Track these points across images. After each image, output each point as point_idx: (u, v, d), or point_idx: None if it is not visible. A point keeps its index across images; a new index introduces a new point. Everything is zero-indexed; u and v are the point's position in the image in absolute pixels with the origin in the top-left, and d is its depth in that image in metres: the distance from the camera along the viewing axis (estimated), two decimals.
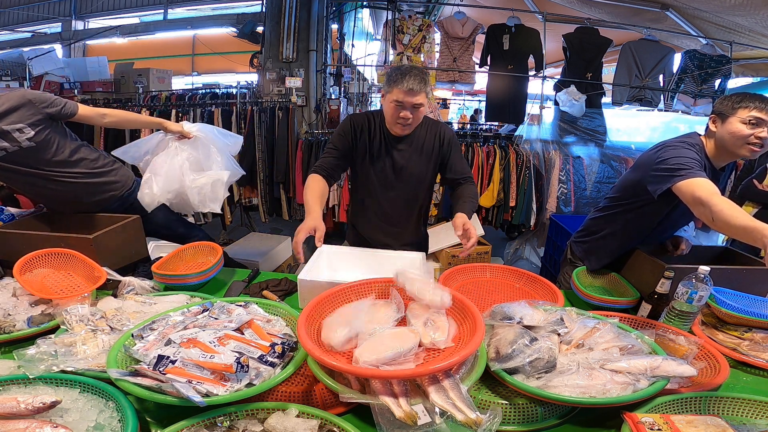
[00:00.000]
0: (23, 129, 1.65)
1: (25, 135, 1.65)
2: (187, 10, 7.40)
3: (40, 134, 1.69)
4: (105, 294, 1.41)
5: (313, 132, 4.01)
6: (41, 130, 1.69)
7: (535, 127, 3.87)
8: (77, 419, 0.87)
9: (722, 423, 0.88)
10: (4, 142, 1.64)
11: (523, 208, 3.74)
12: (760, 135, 1.36)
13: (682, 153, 1.42)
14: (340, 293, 1.21)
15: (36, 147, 1.69)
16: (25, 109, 1.65)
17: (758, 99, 1.38)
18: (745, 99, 1.39)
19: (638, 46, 4.08)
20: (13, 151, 1.66)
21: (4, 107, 1.62)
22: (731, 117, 1.40)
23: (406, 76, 1.53)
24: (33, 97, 1.68)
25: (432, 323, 1.04)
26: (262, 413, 0.90)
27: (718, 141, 1.45)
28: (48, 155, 1.74)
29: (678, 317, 1.30)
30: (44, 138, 1.70)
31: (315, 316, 1.10)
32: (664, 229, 1.65)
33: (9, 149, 1.65)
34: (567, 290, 1.69)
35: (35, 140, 1.68)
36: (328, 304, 1.17)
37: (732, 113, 1.40)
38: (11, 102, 1.63)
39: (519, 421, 0.96)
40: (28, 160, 1.71)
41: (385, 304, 1.16)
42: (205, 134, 1.97)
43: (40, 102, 1.67)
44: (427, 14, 5.21)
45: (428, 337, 1.00)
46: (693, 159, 1.39)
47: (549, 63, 4.92)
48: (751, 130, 1.37)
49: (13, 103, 1.63)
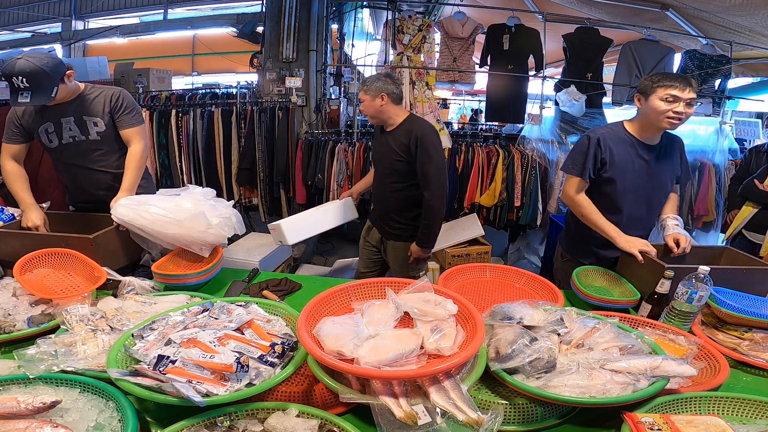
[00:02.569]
0: (98, 122, 1.82)
1: (97, 128, 1.83)
2: (187, 10, 7.40)
3: (108, 130, 1.85)
4: (105, 294, 1.41)
5: (313, 132, 4.01)
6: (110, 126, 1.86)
7: (536, 127, 3.87)
8: (77, 419, 0.87)
9: (722, 423, 0.87)
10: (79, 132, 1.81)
11: (529, 208, 3.74)
12: (676, 110, 1.56)
13: (574, 149, 1.77)
14: (339, 293, 1.21)
15: (100, 140, 1.85)
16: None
17: (674, 78, 1.56)
18: (663, 78, 1.58)
19: (638, 46, 4.08)
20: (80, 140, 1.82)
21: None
22: (651, 95, 1.59)
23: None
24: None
25: (439, 330, 1.03)
26: (262, 413, 0.90)
27: (644, 117, 1.66)
28: (106, 149, 1.88)
29: (678, 317, 1.30)
30: (108, 134, 1.86)
31: (315, 315, 1.10)
32: (611, 207, 1.77)
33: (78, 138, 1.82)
34: (567, 290, 1.68)
35: (101, 135, 1.84)
36: (327, 304, 1.17)
37: (652, 92, 1.59)
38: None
39: (519, 421, 0.96)
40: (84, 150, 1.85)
41: (383, 304, 1.16)
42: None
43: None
44: (427, 14, 5.20)
45: (434, 343, 0.99)
46: (580, 154, 1.72)
47: (549, 63, 4.91)
48: (669, 106, 1.56)
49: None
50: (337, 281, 1.70)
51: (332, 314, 1.14)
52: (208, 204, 1.71)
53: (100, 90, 1.85)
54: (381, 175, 2.19)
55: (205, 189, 1.80)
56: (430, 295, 1.17)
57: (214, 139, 3.84)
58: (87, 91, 1.82)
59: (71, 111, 1.78)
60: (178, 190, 1.76)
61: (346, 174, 3.72)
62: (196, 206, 1.65)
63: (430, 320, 1.07)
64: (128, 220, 1.60)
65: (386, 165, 2.12)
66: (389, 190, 2.14)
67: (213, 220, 1.65)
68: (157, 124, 3.91)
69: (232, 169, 3.90)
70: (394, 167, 2.08)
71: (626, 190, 1.72)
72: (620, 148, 1.70)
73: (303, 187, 3.86)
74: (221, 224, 1.67)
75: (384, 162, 2.13)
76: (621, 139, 1.71)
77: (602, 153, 1.69)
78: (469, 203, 3.77)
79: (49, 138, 1.80)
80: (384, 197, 2.19)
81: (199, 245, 1.66)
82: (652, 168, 1.71)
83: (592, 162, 1.70)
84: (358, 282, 1.26)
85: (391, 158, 2.07)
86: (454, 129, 4.79)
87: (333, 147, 3.72)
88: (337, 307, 1.19)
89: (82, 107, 1.80)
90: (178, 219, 1.59)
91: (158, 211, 1.60)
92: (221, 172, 3.92)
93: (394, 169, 2.09)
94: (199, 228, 1.61)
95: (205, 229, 1.63)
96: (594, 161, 1.70)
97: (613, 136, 1.72)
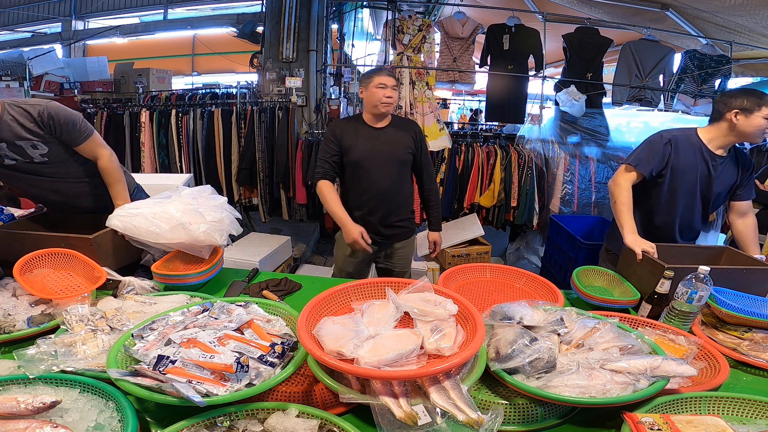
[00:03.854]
0: (37, 144, 1.59)
1: (39, 151, 1.60)
2: (187, 10, 7.39)
3: (54, 150, 1.64)
4: (105, 294, 1.41)
5: (313, 132, 4.01)
6: (53, 147, 1.64)
7: (536, 127, 3.87)
8: (77, 419, 0.87)
9: (722, 423, 0.87)
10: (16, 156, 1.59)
11: (525, 208, 3.75)
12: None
13: (645, 144, 1.80)
14: (339, 293, 1.21)
15: (48, 161, 1.65)
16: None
17: None
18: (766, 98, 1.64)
19: (638, 46, 4.08)
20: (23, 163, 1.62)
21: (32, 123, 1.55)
22: (756, 113, 1.63)
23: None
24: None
25: (439, 330, 1.03)
26: (262, 413, 0.90)
27: (733, 131, 1.69)
28: (60, 168, 1.70)
29: (678, 317, 1.30)
30: (57, 153, 1.66)
31: (315, 315, 1.10)
32: (663, 208, 1.83)
33: (20, 162, 1.61)
34: (567, 290, 1.68)
35: (47, 156, 1.63)
36: (327, 304, 1.17)
37: (758, 110, 1.63)
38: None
39: (519, 421, 0.96)
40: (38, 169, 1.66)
41: (383, 304, 1.16)
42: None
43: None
44: (427, 14, 5.21)
45: (434, 344, 0.99)
46: (650, 150, 1.76)
47: (549, 63, 4.91)
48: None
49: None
50: (338, 281, 1.71)
51: (332, 314, 1.14)
52: (198, 207, 1.66)
53: (22, 110, 1.55)
54: (382, 173, 2.04)
55: (198, 188, 1.77)
56: (430, 295, 1.17)
57: (214, 139, 3.84)
58: (8, 113, 1.53)
59: (1, 135, 1.53)
60: (170, 193, 1.73)
61: None
62: (184, 213, 1.60)
63: (430, 320, 1.07)
64: (122, 231, 1.59)
65: (391, 159, 2.04)
66: (397, 184, 2.08)
67: (200, 227, 1.58)
68: (157, 124, 3.91)
69: (232, 169, 3.91)
70: (402, 159, 2.06)
71: (683, 194, 1.77)
72: (689, 153, 1.74)
73: (303, 187, 3.86)
74: (210, 230, 1.60)
75: (388, 156, 2.04)
76: (692, 144, 1.75)
77: (671, 153, 1.74)
78: (469, 203, 3.77)
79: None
80: (390, 195, 2.07)
81: (196, 249, 1.65)
82: (714, 178, 1.75)
83: (660, 160, 1.74)
84: (358, 282, 1.25)
85: (400, 151, 2.05)
86: (454, 129, 4.78)
87: None
88: (337, 307, 1.19)
89: (11, 131, 1.53)
90: (163, 229, 1.56)
91: (143, 222, 1.57)
92: (221, 172, 3.92)
93: (402, 161, 2.06)
94: (183, 237, 1.57)
95: (191, 239, 1.58)
96: (661, 160, 1.74)
97: (685, 139, 1.75)
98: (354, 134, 2.02)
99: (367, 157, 2.02)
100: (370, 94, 1.96)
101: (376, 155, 2.03)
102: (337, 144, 2.02)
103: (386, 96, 1.94)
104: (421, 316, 1.09)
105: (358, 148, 2.01)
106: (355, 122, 2.07)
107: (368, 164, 2.03)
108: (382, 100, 1.94)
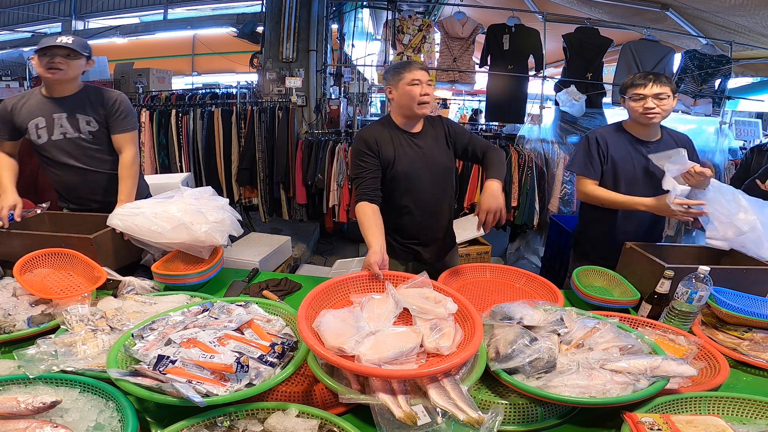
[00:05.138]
0: (90, 122, 1.82)
1: (89, 128, 1.83)
2: (187, 10, 7.40)
3: (99, 132, 1.85)
4: (105, 294, 1.41)
5: (313, 132, 4.01)
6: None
7: (536, 127, 3.87)
8: (77, 419, 0.87)
9: (722, 423, 0.87)
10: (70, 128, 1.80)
11: (525, 208, 3.75)
12: (646, 106, 1.70)
13: (578, 150, 1.89)
14: (338, 285, 1.22)
15: (89, 139, 1.84)
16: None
17: (638, 77, 1.72)
18: (631, 80, 1.74)
19: (638, 46, 4.08)
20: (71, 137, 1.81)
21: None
22: (626, 97, 1.76)
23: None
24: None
25: (439, 329, 1.04)
26: (262, 413, 0.90)
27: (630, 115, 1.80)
28: (93, 152, 1.87)
29: (678, 317, 1.30)
30: (99, 136, 1.86)
31: (315, 307, 1.11)
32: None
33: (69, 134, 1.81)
34: (567, 290, 1.68)
35: (93, 134, 1.84)
36: (327, 296, 1.18)
37: (625, 94, 1.76)
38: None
39: (519, 421, 0.96)
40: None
41: (383, 299, 1.16)
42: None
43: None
44: (427, 14, 5.21)
45: (433, 342, 1.00)
46: (583, 154, 1.84)
47: (549, 63, 4.91)
48: (639, 104, 1.71)
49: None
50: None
51: (332, 307, 1.15)
52: (199, 207, 1.67)
53: (99, 91, 1.85)
54: (426, 187, 1.73)
55: (198, 189, 1.78)
56: (430, 291, 1.18)
57: (214, 139, 3.84)
58: (85, 90, 1.83)
59: (65, 108, 1.78)
60: (171, 193, 1.74)
61: (346, 174, 3.72)
62: (185, 213, 1.61)
63: (429, 318, 1.08)
64: (123, 230, 1.61)
65: (435, 170, 1.73)
66: (441, 197, 1.79)
67: (201, 227, 1.59)
68: (157, 124, 3.91)
69: (232, 169, 3.91)
70: (447, 167, 1.77)
71: (627, 183, 1.78)
72: (618, 144, 1.81)
73: (303, 187, 3.87)
74: (212, 230, 1.61)
75: (431, 167, 1.72)
76: (618, 136, 1.83)
77: (602, 149, 1.81)
78: (469, 203, 3.77)
79: (39, 133, 1.78)
80: (434, 213, 1.78)
81: (197, 249, 1.65)
82: (652, 163, 1.74)
83: (597, 158, 1.81)
84: (356, 274, 1.26)
85: (443, 158, 1.75)
86: None
87: (333, 147, 3.73)
88: (336, 300, 1.20)
89: (78, 105, 1.80)
90: (165, 228, 1.57)
91: (144, 222, 1.58)
92: (221, 172, 3.92)
93: (447, 169, 1.77)
94: (185, 237, 1.58)
95: (192, 239, 1.59)
96: (598, 157, 1.81)
97: (610, 133, 1.84)
98: (391, 143, 1.67)
99: (410, 170, 1.68)
100: (403, 93, 1.63)
101: (419, 166, 1.70)
102: (377, 157, 1.65)
103: (423, 94, 1.61)
104: (420, 314, 1.09)
105: (401, 160, 1.67)
106: (387, 128, 1.71)
107: (412, 178, 1.69)
108: (419, 99, 1.61)
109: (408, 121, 1.71)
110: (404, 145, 1.69)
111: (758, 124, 4.68)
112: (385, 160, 1.66)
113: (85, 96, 1.82)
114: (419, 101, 1.62)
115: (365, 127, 1.80)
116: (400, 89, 1.63)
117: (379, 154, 1.65)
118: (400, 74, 1.62)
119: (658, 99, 1.68)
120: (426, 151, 1.71)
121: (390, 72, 1.69)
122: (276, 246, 3.04)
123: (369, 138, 1.66)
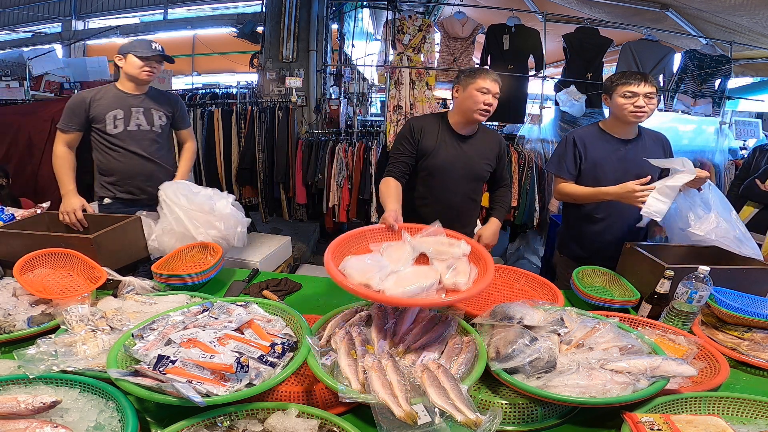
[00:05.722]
0: (162, 117, 2.10)
1: (161, 122, 2.10)
2: (187, 10, 7.38)
3: (166, 127, 2.13)
4: (105, 294, 1.41)
5: (313, 132, 4.01)
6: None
7: (536, 127, 3.86)
8: (77, 419, 0.87)
9: (722, 423, 0.87)
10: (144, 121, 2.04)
11: (525, 208, 3.75)
12: (637, 104, 1.69)
13: (555, 151, 1.93)
14: (358, 236, 1.33)
15: (157, 132, 2.09)
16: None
17: (630, 75, 1.71)
18: (621, 77, 1.73)
19: (638, 46, 4.07)
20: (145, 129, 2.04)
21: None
22: (613, 94, 1.74)
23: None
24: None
25: (455, 268, 1.14)
26: (262, 413, 0.90)
27: (612, 113, 1.80)
28: (152, 144, 2.09)
29: (678, 317, 1.30)
30: (166, 129, 2.15)
31: (338, 254, 1.20)
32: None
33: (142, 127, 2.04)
34: (567, 290, 1.68)
35: (162, 128, 2.10)
36: (348, 245, 1.28)
37: (613, 90, 1.74)
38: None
39: (519, 421, 0.96)
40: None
41: (399, 245, 1.26)
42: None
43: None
44: (427, 14, 5.20)
45: (451, 278, 1.09)
46: (559, 154, 1.87)
47: (549, 63, 4.90)
48: (629, 101, 1.70)
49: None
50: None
51: (354, 254, 1.24)
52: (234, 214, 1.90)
53: (161, 92, 2.14)
54: (458, 186, 1.84)
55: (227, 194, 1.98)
56: (443, 238, 1.30)
57: (214, 139, 3.84)
58: (151, 90, 2.10)
59: (141, 103, 2.02)
60: (210, 191, 1.92)
61: (346, 174, 3.72)
62: (221, 212, 1.84)
63: (445, 259, 1.18)
64: (167, 200, 1.80)
65: (470, 173, 1.84)
66: (469, 200, 1.89)
67: (238, 229, 1.87)
68: None
69: (232, 169, 3.91)
70: (481, 174, 1.88)
71: (608, 183, 1.76)
72: (596, 144, 1.83)
73: (303, 187, 3.87)
74: (229, 236, 1.85)
75: (467, 169, 1.83)
76: (595, 136, 1.85)
77: (578, 150, 1.83)
78: None
79: (115, 123, 1.97)
80: (459, 212, 1.87)
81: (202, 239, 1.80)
82: (630, 162, 1.79)
83: (571, 159, 1.84)
84: (374, 227, 1.37)
85: (481, 165, 1.85)
86: None
87: (333, 147, 3.73)
88: (357, 249, 1.29)
89: (152, 101, 2.06)
90: (206, 211, 1.81)
91: (191, 200, 1.80)
92: (221, 172, 3.92)
93: (480, 176, 1.88)
94: (212, 231, 1.80)
95: (215, 233, 1.80)
96: (573, 158, 1.84)
97: (588, 133, 1.86)
98: (435, 137, 1.79)
99: (445, 166, 1.78)
100: (467, 96, 1.70)
101: (456, 166, 1.80)
102: (415, 144, 1.78)
103: (486, 103, 1.69)
104: (437, 255, 1.20)
105: (439, 154, 1.77)
106: (439, 122, 1.82)
107: (445, 175, 1.80)
108: (480, 107, 1.69)
109: (462, 122, 1.80)
110: (448, 143, 1.79)
111: (758, 124, 4.68)
112: (423, 149, 1.79)
113: (155, 95, 2.09)
114: (480, 108, 1.70)
115: (419, 116, 1.99)
116: (468, 91, 1.71)
117: (418, 143, 1.79)
118: (474, 78, 1.70)
119: (647, 98, 1.69)
120: (468, 154, 1.82)
121: (465, 73, 1.77)
122: (276, 246, 3.04)
123: (415, 126, 1.81)
